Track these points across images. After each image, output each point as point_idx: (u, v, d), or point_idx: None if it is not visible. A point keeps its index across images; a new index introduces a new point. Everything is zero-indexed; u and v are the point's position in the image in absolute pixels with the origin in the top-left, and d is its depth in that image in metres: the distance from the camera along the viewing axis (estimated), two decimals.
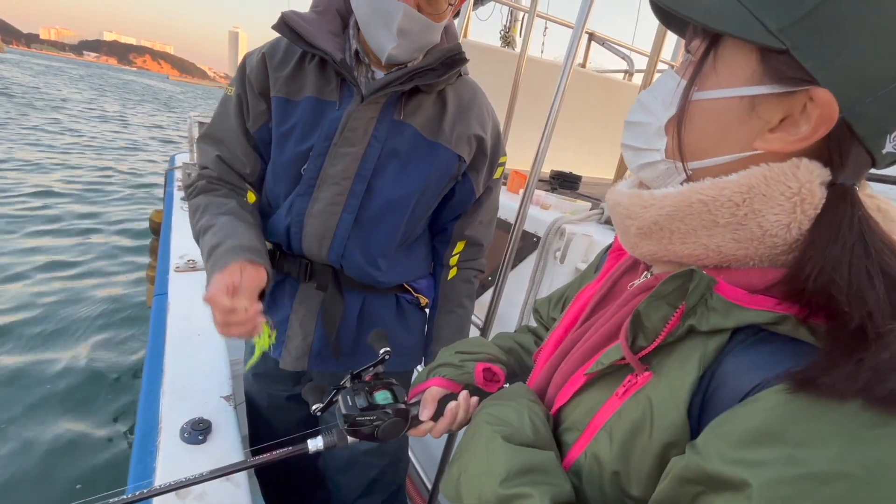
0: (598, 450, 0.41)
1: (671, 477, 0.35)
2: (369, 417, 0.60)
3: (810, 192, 0.35)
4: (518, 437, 0.45)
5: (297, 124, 0.89)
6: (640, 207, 0.42)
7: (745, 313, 0.35)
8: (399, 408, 0.61)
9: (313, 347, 1.00)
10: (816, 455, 0.28)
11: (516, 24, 3.40)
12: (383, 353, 0.66)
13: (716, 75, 0.38)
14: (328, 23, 0.88)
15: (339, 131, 0.87)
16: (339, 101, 0.88)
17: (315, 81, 0.89)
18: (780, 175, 0.36)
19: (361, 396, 0.62)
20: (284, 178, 0.93)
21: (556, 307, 0.73)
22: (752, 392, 0.33)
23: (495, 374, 0.66)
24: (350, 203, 0.90)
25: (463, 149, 0.94)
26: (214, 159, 0.94)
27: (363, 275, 0.96)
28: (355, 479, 1.14)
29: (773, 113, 0.36)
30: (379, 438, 0.61)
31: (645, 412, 0.38)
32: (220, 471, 0.60)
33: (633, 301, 0.46)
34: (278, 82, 0.89)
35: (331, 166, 0.88)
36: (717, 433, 0.33)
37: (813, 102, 0.34)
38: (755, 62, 0.36)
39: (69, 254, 4.88)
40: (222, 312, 0.72)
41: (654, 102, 0.42)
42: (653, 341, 0.39)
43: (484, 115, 0.97)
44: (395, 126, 0.89)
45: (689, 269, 0.37)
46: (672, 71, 0.42)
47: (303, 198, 0.91)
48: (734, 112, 0.37)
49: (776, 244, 0.37)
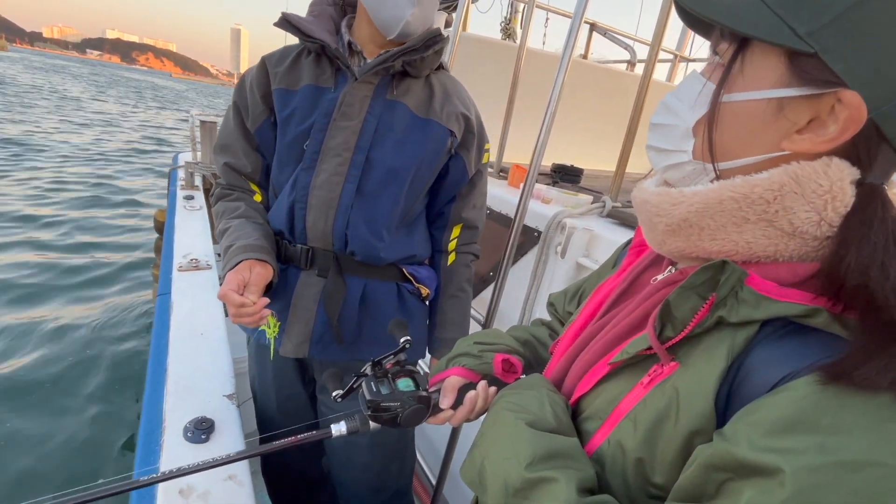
0: (622, 437, 0.42)
1: (697, 464, 0.35)
2: (393, 404, 0.61)
3: (841, 189, 0.36)
4: (541, 424, 0.46)
5: (296, 108, 0.97)
6: (670, 205, 0.42)
7: (775, 305, 0.36)
8: (421, 395, 0.62)
9: (314, 333, 1.02)
10: (849, 443, 0.29)
11: (517, 15, 3.36)
12: (404, 342, 0.67)
13: (743, 78, 0.38)
14: (324, 23, 0.99)
15: (337, 107, 0.95)
16: (334, 86, 0.97)
17: (311, 72, 0.97)
18: (812, 173, 0.36)
19: (384, 383, 0.63)
20: (288, 160, 1.00)
21: (572, 301, 0.73)
22: (782, 382, 0.33)
23: (513, 364, 0.67)
24: (352, 173, 0.96)
25: (453, 125, 1.01)
26: (223, 168, 1.05)
27: (367, 247, 1.00)
28: (360, 478, 1.15)
29: (801, 114, 0.37)
30: (401, 424, 0.62)
31: (671, 401, 0.39)
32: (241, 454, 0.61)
33: (656, 294, 0.46)
34: (277, 76, 0.98)
35: (331, 139, 0.95)
36: (747, 421, 0.33)
37: (841, 104, 0.35)
38: (783, 65, 0.36)
39: (74, 253, 4.93)
40: (234, 306, 0.84)
41: (679, 105, 0.43)
42: (681, 332, 0.39)
43: (467, 101, 1.06)
44: (388, 104, 0.97)
45: (721, 261, 0.38)
46: (697, 73, 0.43)
47: (307, 171, 0.97)
48: (762, 114, 0.38)
49: (806, 241, 0.37)
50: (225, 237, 0.98)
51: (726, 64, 0.39)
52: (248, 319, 0.86)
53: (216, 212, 1.05)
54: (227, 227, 0.99)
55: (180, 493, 0.82)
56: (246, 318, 0.86)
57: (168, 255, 1.97)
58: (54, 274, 4.35)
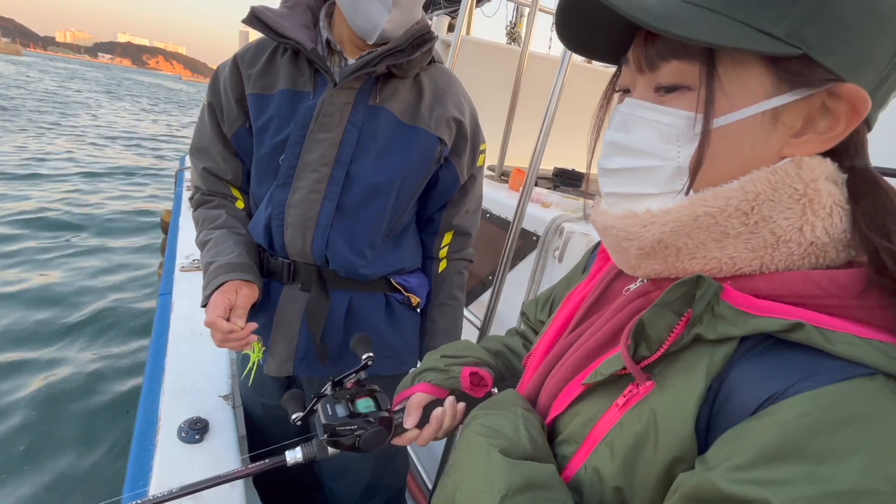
0: (599, 463, 0.39)
1: (679, 495, 0.33)
2: (350, 427, 0.58)
3: (815, 191, 0.34)
4: (516, 451, 0.43)
5: (272, 117, 0.89)
6: (639, 227, 0.39)
7: (754, 320, 0.34)
8: (382, 416, 0.59)
9: (298, 351, 0.98)
10: (838, 471, 0.27)
11: (522, 20, 3.36)
12: (366, 359, 0.65)
13: (727, 97, 0.35)
14: (299, 16, 0.90)
15: (315, 118, 0.87)
16: (313, 91, 0.89)
17: (288, 74, 0.89)
18: (785, 177, 0.35)
19: (342, 405, 0.60)
20: (266, 173, 0.93)
21: (544, 310, 0.70)
22: (766, 404, 0.31)
23: (482, 378, 0.64)
24: (330, 190, 0.90)
25: (443, 131, 0.93)
26: (202, 173, 0.98)
27: (348, 266, 0.95)
28: (350, 486, 1.12)
29: (797, 117, 0.35)
30: (361, 449, 0.59)
31: (648, 425, 0.37)
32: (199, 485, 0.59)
33: (629, 306, 0.44)
34: (251, 79, 0.90)
35: (308, 153, 0.88)
36: (730, 449, 0.31)
37: (835, 98, 0.33)
38: (767, 73, 0.34)
39: (81, 250, 4.99)
40: (222, 333, 0.81)
41: (650, 143, 0.38)
42: (656, 351, 0.37)
43: (461, 100, 0.97)
44: (371, 111, 0.89)
45: (695, 276, 0.36)
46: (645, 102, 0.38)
47: (282, 188, 0.91)
48: (758, 127, 0.35)
49: (791, 249, 0.35)
50: (205, 251, 0.92)
51: (705, 85, 0.35)
52: (235, 345, 0.83)
53: (196, 219, 0.99)
54: (207, 240, 0.93)
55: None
56: (233, 344, 0.82)
57: (171, 256, 1.99)
58: (55, 272, 4.40)
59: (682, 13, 0.34)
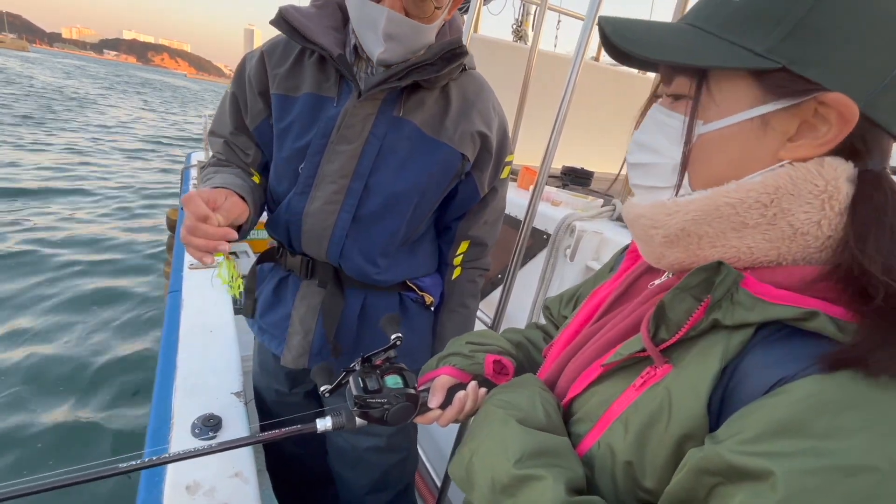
0: (612, 440, 0.41)
1: (688, 468, 0.34)
2: (380, 400, 0.59)
3: (836, 188, 0.36)
4: (531, 421, 0.45)
5: (294, 121, 0.89)
6: (665, 215, 0.42)
7: (771, 308, 0.35)
8: (409, 392, 0.61)
9: (313, 345, 1.00)
10: (842, 447, 0.28)
11: (529, 18, 3.35)
12: (395, 339, 0.66)
13: (717, 106, 0.39)
14: (328, 17, 0.87)
15: (336, 128, 0.86)
16: (336, 98, 0.87)
17: (313, 77, 0.88)
18: (806, 174, 0.36)
19: (372, 379, 0.62)
20: (285, 176, 0.93)
21: (568, 305, 0.72)
22: (776, 386, 0.33)
23: (505, 366, 0.66)
24: (347, 202, 0.89)
25: (466, 147, 0.91)
26: (223, 145, 0.97)
27: (361, 273, 0.96)
28: (363, 477, 1.14)
29: (788, 123, 0.37)
30: (388, 422, 0.60)
31: (663, 403, 0.38)
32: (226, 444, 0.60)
33: (653, 299, 0.45)
34: (277, 79, 0.89)
35: (327, 164, 0.88)
36: (739, 424, 0.33)
37: (825, 106, 0.35)
38: (753, 85, 0.37)
39: (90, 248, 5.01)
40: (195, 216, 0.71)
41: (656, 142, 0.43)
42: (675, 334, 0.39)
43: (489, 112, 0.94)
44: (394, 123, 0.87)
45: (716, 263, 0.37)
46: (661, 107, 0.43)
47: (300, 196, 0.91)
48: (748, 133, 0.38)
49: (808, 242, 0.37)
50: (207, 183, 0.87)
51: (693, 96, 0.39)
52: (202, 242, 0.72)
53: (205, 175, 0.93)
54: (211, 176, 0.89)
55: (187, 490, 0.82)
56: (200, 240, 0.72)
57: (179, 253, 1.99)
58: (59, 269, 4.42)
59: (674, 40, 0.39)
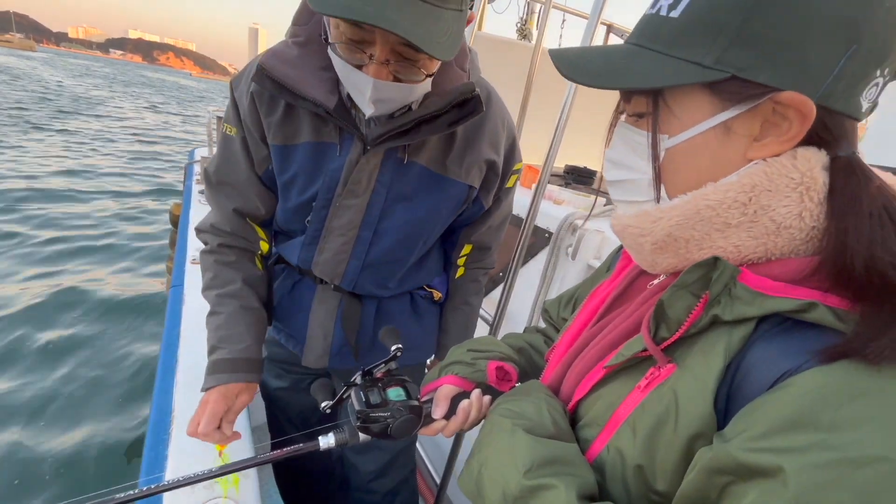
0: (621, 444, 0.41)
1: (699, 468, 0.34)
2: (383, 414, 0.59)
3: (812, 178, 0.36)
4: (539, 430, 0.45)
5: (297, 173, 0.84)
6: (650, 223, 0.42)
7: (770, 301, 0.35)
8: (412, 405, 0.61)
9: (333, 347, 1.01)
10: (851, 439, 0.28)
11: (533, 16, 3.34)
12: (395, 350, 0.66)
13: (678, 120, 0.40)
14: (314, 57, 0.77)
15: (342, 182, 0.83)
16: (339, 144, 0.82)
17: (311, 124, 0.81)
18: (781, 168, 0.37)
19: (374, 393, 0.61)
20: (293, 221, 0.92)
21: (567, 307, 0.72)
22: (781, 380, 0.33)
23: (508, 372, 0.65)
24: (357, 250, 0.89)
25: (474, 178, 0.89)
26: (231, 214, 0.90)
27: (373, 294, 0.99)
28: (371, 462, 1.17)
29: (750, 125, 0.38)
30: (391, 436, 0.60)
31: (669, 405, 0.38)
32: (229, 467, 0.60)
33: (652, 298, 0.45)
34: (272, 128, 0.82)
35: (335, 218, 0.86)
36: (746, 421, 0.33)
37: (782, 105, 0.36)
38: (709, 95, 0.38)
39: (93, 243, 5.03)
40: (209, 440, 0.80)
41: (631, 159, 0.44)
42: (675, 332, 0.38)
43: (497, 130, 0.89)
44: (399, 168, 0.84)
45: (712, 258, 0.37)
46: (627, 125, 0.45)
47: (309, 247, 0.91)
48: (714, 140, 0.39)
49: (793, 235, 0.37)
50: (213, 328, 0.89)
51: (652, 114, 0.40)
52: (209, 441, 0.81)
53: (204, 267, 0.93)
54: (216, 311, 0.90)
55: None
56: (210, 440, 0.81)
57: (182, 248, 2.00)
58: (63, 267, 4.44)
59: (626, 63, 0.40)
